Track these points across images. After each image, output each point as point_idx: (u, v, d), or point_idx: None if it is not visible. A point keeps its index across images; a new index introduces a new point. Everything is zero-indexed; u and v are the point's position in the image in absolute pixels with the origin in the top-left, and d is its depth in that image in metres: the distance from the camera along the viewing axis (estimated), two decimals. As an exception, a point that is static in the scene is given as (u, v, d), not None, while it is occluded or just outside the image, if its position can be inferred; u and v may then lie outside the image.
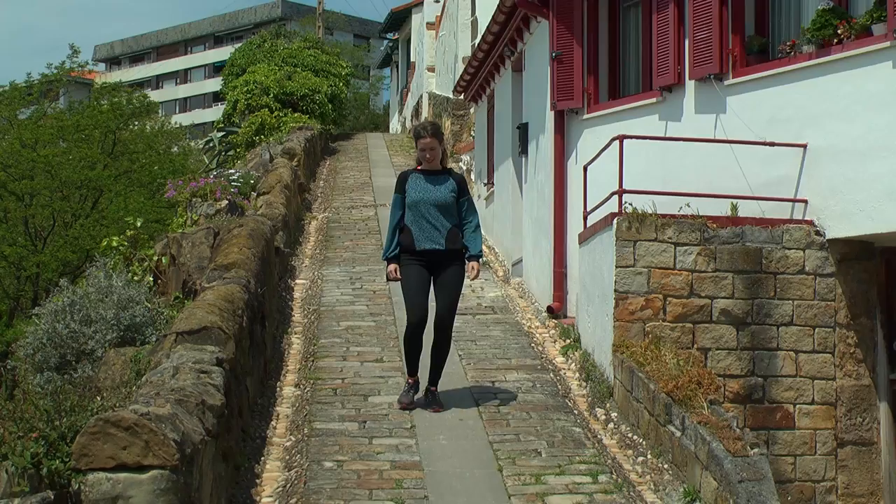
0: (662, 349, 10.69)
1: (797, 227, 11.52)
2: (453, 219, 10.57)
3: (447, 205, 10.51)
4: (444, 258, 10.49)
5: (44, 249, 29.42)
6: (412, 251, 10.47)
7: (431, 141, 10.60)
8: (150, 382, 8.16)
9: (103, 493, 6.28)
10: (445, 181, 10.63)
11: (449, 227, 10.50)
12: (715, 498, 8.43)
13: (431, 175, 10.64)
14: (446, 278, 10.52)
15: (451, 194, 10.55)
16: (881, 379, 11.45)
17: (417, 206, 10.47)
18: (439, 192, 10.52)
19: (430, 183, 10.57)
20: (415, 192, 10.53)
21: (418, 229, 10.46)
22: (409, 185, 10.62)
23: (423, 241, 10.43)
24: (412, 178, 10.69)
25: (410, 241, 10.47)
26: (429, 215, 10.44)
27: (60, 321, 11.55)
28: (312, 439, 9.90)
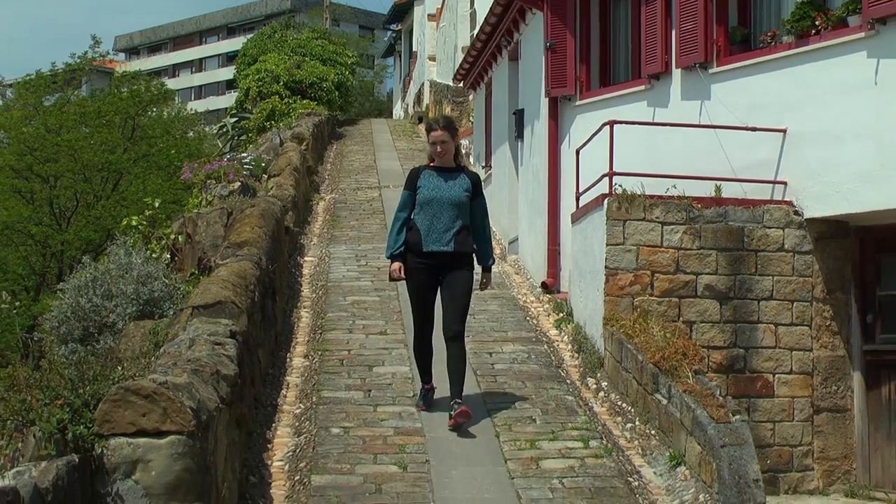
0: (650, 322, 10.70)
1: (777, 207, 11.53)
2: (465, 219, 9.52)
3: (461, 204, 9.46)
4: (453, 261, 9.45)
5: (68, 228, 29.43)
6: (419, 252, 9.44)
7: (443, 134, 9.54)
8: (167, 353, 8.16)
9: (124, 456, 6.30)
10: (460, 179, 9.58)
11: (459, 227, 9.46)
12: (699, 462, 8.44)
13: (445, 172, 9.60)
14: (455, 284, 9.48)
15: (464, 193, 9.50)
16: (855, 350, 11.47)
17: (430, 205, 9.43)
18: (453, 190, 9.47)
19: (444, 180, 9.52)
20: (427, 190, 9.47)
21: (427, 229, 9.41)
22: (422, 182, 9.55)
23: (432, 242, 9.38)
24: (424, 174, 9.63)
25: (418, 241, 9.43)
26: (440, 214, 9.39)
27: (84, 296, 11.56)
28: (320, 407, 9.92)
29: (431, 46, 39.13)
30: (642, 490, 8.49)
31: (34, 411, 6.35)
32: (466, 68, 22.05)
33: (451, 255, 9.42)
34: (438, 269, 9.49)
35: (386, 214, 19.29)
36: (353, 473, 8.46)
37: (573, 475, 8.57)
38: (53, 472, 5.60)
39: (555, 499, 8.06)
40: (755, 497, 7.92)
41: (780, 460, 11.15)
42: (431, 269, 9.48)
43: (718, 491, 8.04)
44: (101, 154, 29.92)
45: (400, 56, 52.70)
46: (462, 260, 9.52)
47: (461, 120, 30.08)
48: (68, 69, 37.03)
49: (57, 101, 34.34)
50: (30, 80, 36.17)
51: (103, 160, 29.96)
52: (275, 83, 33.74)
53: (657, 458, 9.14)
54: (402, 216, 9.62)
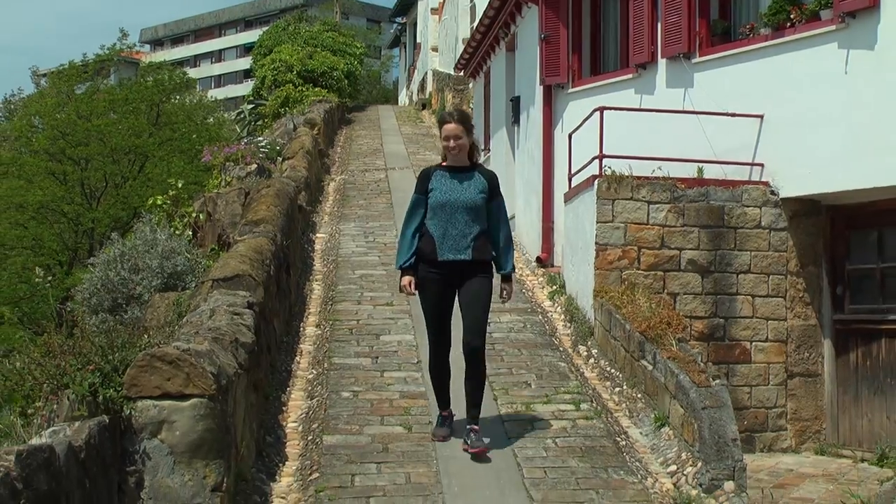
0: (637, 294, 10.70)
1: (755, 187, 11.54)
2: (482, 223, 8.02)
3: (477, 207, 7.95)
4: (470, 269, 7.97)
5: (97, 207, 29.43)
6: (433, 261, 7.96)
7: (457, 128, 7.96)
8: (190, 322, 8.17)
9: (151, 417, 6.31)
10: (475, 179, 8.05)
11: (477, 233, 7.97)
12: (682, 423, 8.45)
13: (458, 172, 8.05)
14: (473, 295, 7.99)
15: (480, 195, 7.99)
16: (826, 319, 11.49)
17: (443, 209, 7.93)
18: (468, 192, 7.96)
19: (458, 181, 8.00)
20: (440, 193, 7.97)
21: (442, 235, 7.92)
22: (434, 184, 8.05)
23: (447, 251, 7.90)
24: (436, 176, 8.10)
25: (432, 250, 7.93)
26: (456, 220, 7.91)
27: (112, 269, 11.56)
28: (331, 372, 9.92)
29: (434, 38, 39.07)
30: (629, 449, 8.50)
31: (68, 376, 6.37)
32: (467, 58, 22.02)
33: (468, 263, 7.94)
34: (454, 279, 8.00)
35: (392, 194, 19.27)
36: (361, 434, 8.47)
37: (565, 435, 8.58)
38: (86, 431, 5.61)
39: (548, 457, 8.07)
40: (733, 455, 7.93)
41: (756, 421, 11.18)
42: (447, 279, 7.99)
43: (700, 449, 8.05)
44: (129, 138, 29.88)
45: (405, 47, 52.59)
46: (480, 268, 8.03)
47: (462, 106, 30.01)
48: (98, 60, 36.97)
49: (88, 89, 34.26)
50: (63, 70, 36.15)
51: (130, 144, 29.93)
52: (289, 72, 33.69)
53: (643, 420, 9.15)
54: (413, 222, 8.13)
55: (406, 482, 7.52)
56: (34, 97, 40.39)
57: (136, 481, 6.22)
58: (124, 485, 6.16)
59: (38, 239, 29.61)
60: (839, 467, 10.17)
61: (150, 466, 6.27)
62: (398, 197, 18.90)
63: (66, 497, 5.08)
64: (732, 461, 7.89)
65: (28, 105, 38.30)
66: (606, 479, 7.69)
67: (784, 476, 9.79)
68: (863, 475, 9.61)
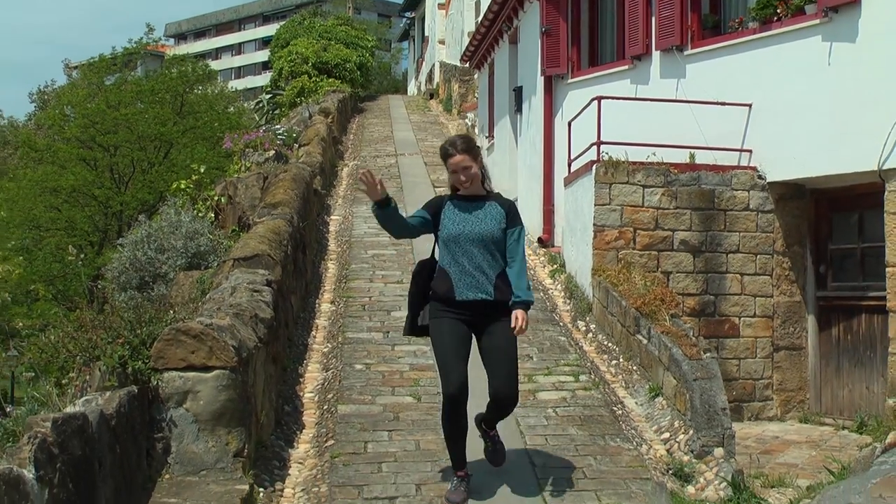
0: (632, 272, 10.69)
1: (743, 172, 11.52)
2: (501, 262, 6.57)
3: (495, 241, 6.50)
4: (493, 311, 6.46)
5: (126, 191, 29.43)
6: (449, 301, 6.46)
7: (464, 158, 6.49)
8: (212, 299, 8.17)
9: (176, 388, 6.33)
10: (490, 208, 6.60)
11: (499, 270, 6.52)
12: (674, 393, 8.45)
13: (471, 202, 6.62)
14: (499, 340, 6.46)
15: (498, 227, 6.53)
16: (809, 296, 11.48)
17: (457, 244, 6.49)
18: (484, 224, 6.52)
19: (471, 212, 6.58)
20: (452, 225, 6.53)
21: (459, 273, 6.46)
22: (447, 215, 6.60)
23: (466, 290, 6.43)
24: (448, 208, 6.64)
25: (448, 289, 6.47)
26: (472, 255, 6.46)
27: (140, 249, 11.56)
28: (345, 346, 9.93)
29: (441, 31, 38.91)
30: (625, 418, 8.50)
31: (99, 349, 6.38)
32: (472, 50, 21.98)
33: (490, 304, 6.45)
34: (472, 321, 6.52)
35: (402, 178, 19.24)
36: (373, 403, 8.48)
37: (565, 405, 8.59)
38: (116, 400, 5.63)
39: (549, 426, 8.07)
40: (723, 423, 7.93)
41: (744, 392, 11.18)
42: (463, 319, 6.50)
43: (691, 418, 8.05)
44: (154, 126, 29.84)
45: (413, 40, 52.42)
46: (504, 308, 6.48)
47: (467, 96, 29.96)
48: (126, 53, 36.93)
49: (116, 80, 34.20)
50: (93, 62, 36.13)
51: (156, 132, 29.89)
52: (304, 64, 33.65)
53: (638, 391, 9.15)
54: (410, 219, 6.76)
55: (416, 449, 7.53)
56: (66, 88, 40.40)
57: (164, 447, 6.24)
58: (152, 450, 6.18)
59: (70, 221, 29.65)
60: (821, 434, 10.18)
61: (177, 433, 6.28)
62: (408, 181, 18.89)
63: (99, 461, 5.09)
64: (722, 429, 7.90)
65: (61, 95, 38.27)
66: (604, 446, 7.70)
67: (770, 443, 9.80)
68: (843, 442, 9.62)
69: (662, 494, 7.02)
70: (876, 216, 10.33)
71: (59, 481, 4.53)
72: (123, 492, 5.40)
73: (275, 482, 6.97)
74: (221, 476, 6.24)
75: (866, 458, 7.16)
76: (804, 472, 8.34)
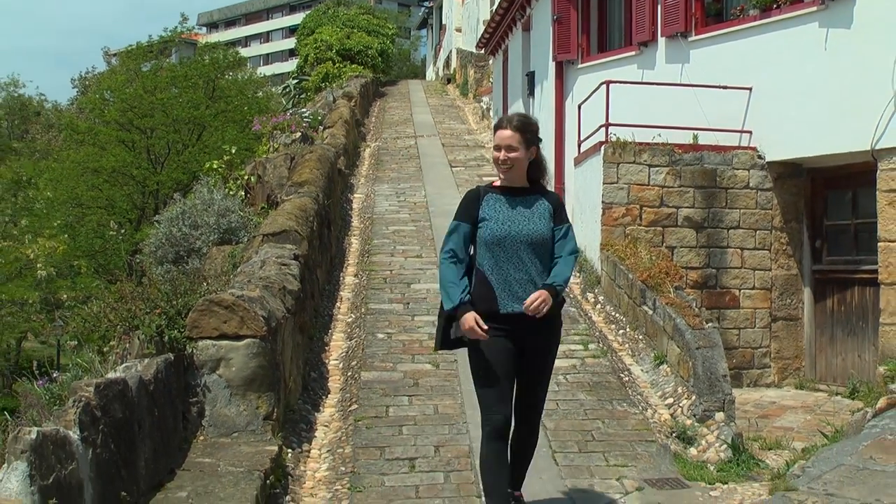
0: (639, 247, 10.66)
1: (744, 152, 11.46)
2: (549, 263, 5.22)
3: (545, 242, 5.16)
4: (541, 326, 5.10)
5: (161, 171, 29.46)
6: (492, 314, 5.03)
7: (511, 136, 5.12)
8: (243, 272, 8.19)
9: (210, 355, 6.35)
10: (539, 205, 5.22)
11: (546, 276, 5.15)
12: (678, 361, 8.44)
13: (517, 195, 5.21)
14: (542, 357, 5.27)
15: (547, 226, 5.19)
16: (806, 269, 11.43)
17: (501, 247, 5.08)
18: (532, 222, 5.14)
19: (518, 208, 5.16)
20: (496, 224, 5.10)
21: (502, 282, 5.07)
22: (486, 211, 5.15)
23: (511, 301, 5.04)
24: (488, 200, 5.20)
25: (491, 301, 5.05)
26: (519, 259, 5.08)
27: (175, 226, 11.61)
28: (368, 316, 9.94)
29: (458, 19, 38.77)
30: (631, 384, 8.50)
31: (138, 318, 6.41)
32: (487, 38, 21.90)
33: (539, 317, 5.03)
34: (518, 336, 5.11)
35: (421, 159, 19.18)
36: (394, 370, 8.50)
37: (575, 372, 8.58)
38: (154, 367, 5.65)
39: (560, 391, 8.07)
40: (723, 389, 7.91)
41: (743, 360, 11.16)
42: (511, 336, 5.09)
43: (694, 384, 8.04)
44: (188, 110, 29.84)
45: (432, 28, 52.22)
46: (554, 323, 5.26)
47: (483, 81, 29.80)
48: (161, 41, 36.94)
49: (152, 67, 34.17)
50: (131, 50, 36.14)
51: (189, 115, 29.89)
52: (329, 51, 33.60)
53: (644, 358, 9.14)
54: (453, 259, 5.14)
55: (434, 413, 7.55)
56: (106, 74, 40.42)
57: (198, 411, 6.27)
58: (188, 413, 6.21)
59: (111, 199, 29.72)
60: (816, 400, 10.16)
61: (210, 398, 6.31)
62: (426, 162, 18.85)
63: (138, 423, 5.12)
64: (723, 395, 7.88)
65: (101, 81, 38.33)
66: (611, 410, 7.70)
67: (768, 408, 9.78)
68: (837, 407, 9.59)
69: (666, 456, 7.02)
70: (869, 194, 10.29)
71: (102, 442, 4.56)
72: (161, 452, 5.43)
73: (302, 444, 7.01)
74: (252, 438, 6.26)
75: (858, 422, 7.15)
76: (800, 435, 8.33)
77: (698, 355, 8.10)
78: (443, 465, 6.63)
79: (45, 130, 43.50)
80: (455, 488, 6.30)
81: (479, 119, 25.43)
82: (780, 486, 5.96)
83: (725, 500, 6.29)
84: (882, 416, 6.94)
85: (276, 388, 6.58)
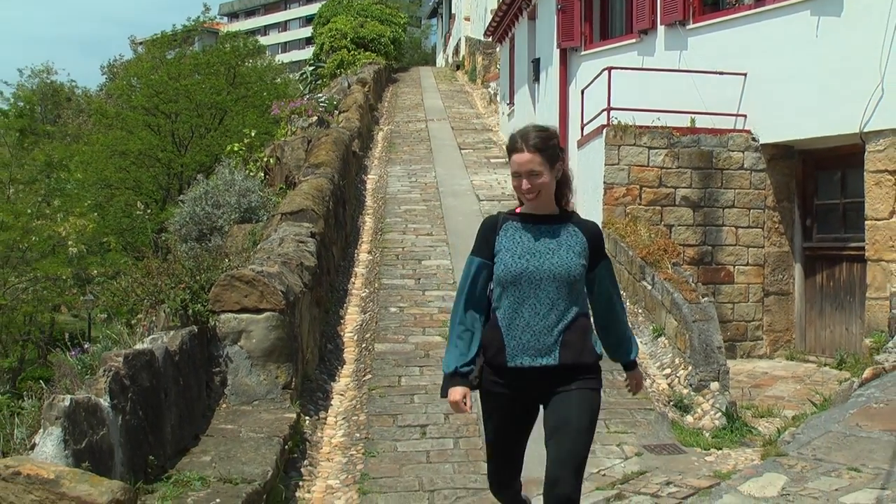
0: (638, 225, 10.64)
1: (739, 135, 11.41)
2: (581, 304, 3.98)
3: (572, 280, 3.90)
4: (559, 379, 3.88)
5: (185, 154, 29.48)
6: (499, 367, 3.92)
7: (530, 159, 3.89)
8: (262, 249, 8.20)
9: (232, 328, 6.37)
10: (567, 235, 3.97)
11: (570, 320, 3.90)
12: (675, 333, 8.44)
13: (542, 224, 3.98)
14: (565, 411, 3.85)
15: (579, 262, 3.93)
16: (797, 247, 11.40)
17: (517, 284, 3.89)
18: (558, 257, 3.90)
19: (542, 238, 3.94)
20: (512, 258, 3.90)
21: (512, 328, 3.89)
22: (503, 242, 3.95)
23: (520, 353, 3.87)
24: (506, 229, 3.99)
25: (499, 350, 3.91)
26: (538, 300, 3.87)
27: (198, 205, 11.61)
28: (381, 291, 9.95)
29: (467, 8, 38.57)
30: (630, 355, 8.50)
31: (163, 293, 6.43)
32: (494, 26, 21.81)
33: (554, 371, 3.87)
34: (532, 395, 3.96)
35: (431, 142, 19.15)
36: (406, 342, 8.52)
37: (577, 343, 8.57)
38: (179, 338, 5.67)
39: (562, 361, 8.07)
40: (718, 360, 7.92)
41: (737, 332, 11.15)
42: (520, 396, 3.95)
43: (690, 356, 8.04)
44: (210, 96, 29.81)
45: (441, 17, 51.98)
46: (575, 374, 3.90)
47: (490, 67, 29.67)
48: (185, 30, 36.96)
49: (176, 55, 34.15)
50: (156, 38, 36.18)
51: (212, 100, 29.87)
52: (343, 39, 33.47)
53: (643, 331, 9.14)
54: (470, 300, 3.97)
55: (444, 382, 7.56)
56: (132, 62, 40.44)
57: (221, 380, 6.30)
58: (211, 383, 6.24)
59: (137, 180, 29.77)
60: (806, 370, 10.15)
61: (232, 368, 6.34)
62: (436, 143, 18.82)
63: (164, 392, 5.15)
64: (717, 365, 7.89)
65: (128, 68, 38.33)
66: (612, 380, 7.69)
67: (760, 378, 9.78)
68: (825, 377, 9.59)
69: (664, 423, 7.03)
70: (857, 174, 10.27)
71: (131, 409, 4.59)
72: (186, 419, 5.46)
73: (319, 411, 7.04)
74: (272, 406, 6.29)
75: (845, 391, 7.15)
76: (790, 403, 8.33)
77: (695, 328, 8.09)
78: (452, 432, 6.65)
79: (76, 115, 43.54)
80: (464, 454, 6.32)
81: (487, 104, 25.35)
82: (772, 451, 5.97)
83: (720, 464, 6.30)
84: (868, 386, 6.94)
85: (294, 358, 6.61)
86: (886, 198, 9.73)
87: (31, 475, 3.35)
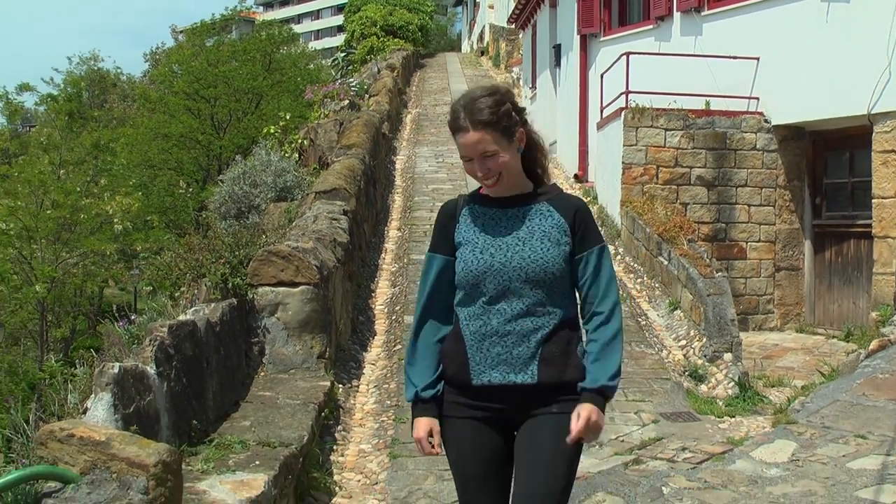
0: (655, 204, 10.59)
1: (751, 117, 11.31)
2: (564, 305, 2.78)
3: (549, 278, 2.73)
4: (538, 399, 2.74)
5: (224, 136, 29.57)
6: (462, 385, 2.79)
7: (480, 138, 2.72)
8: (297, 226, 8.22)
9: (269, 300, 6.40)
10: (541, 219, 2.80)
11: (552, 328, 2.73)
12: (690, 307, 8.41)
13: (509, 208, 2.83)
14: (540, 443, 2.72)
15: (557, 251, 2.75)
16: (807, 224, 11.32)
17: (477, 287, 2.76)
18: (529, 248, 2.74)
19: (507, 225, 2.80)
20: (473, 254, 2.78)
21: (478, 338, 2.76)
22: (462, 233, 2.85)
23: (488, 368, 2.74)
24: (466, 215, 2.88)
25: (461, 366, 2.78)
26: (507, 303, 2.73)
27: (237, 185, 11.65)
28: (410, 266, 9.96)
29: (490, -3, 38.41)
30: (648, 327, 8.48)
31: (205, 267, 6.46)
32: (517, 13, 21.69)
33: (531, 390, 2.75)
34: (507, 416, 2.82)
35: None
36: (434, 314, 8.52)
37: (595, 316, 8.56)
38: (220, 310, 5.70)
39: (582, 333, 8.05)
40: (731, 332, 7.88)
41: (749, 306, 11.09)
42: (491, 418, 2.81)
43: (704, 328, 8.01)
44: (247, 81, 29.83)
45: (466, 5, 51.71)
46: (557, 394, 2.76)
47: (513, 53, 29.49)
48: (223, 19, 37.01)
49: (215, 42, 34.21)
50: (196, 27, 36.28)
51: (248, 86, 29.89)
52: (373, 26, 33.41)
53: (659, 305, 9.11)
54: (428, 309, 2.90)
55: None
56: (174, 49, 40.49)
57: (259, 350, 6.33)
58: (250, 352, 6.28)
59: (179, 161, 29.91)
60: (815, 342, 10.09)
61: (269, 339, 6.37)
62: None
63: (206, 360, 5.18)
64: (731, 337, 7.85)
65: (169, 56, 38.41)
66: (630, 351, 7.69)
67: (771, 349, 9.74)
68: (833, 348, 9.53)
69: (680, 392, 7.02)
70: (864, 155, 10.20)
71: (175, 376, 4.62)
72: (227, 386, 5.50)
73: (351, 380, 7.07)
74: (307, 374, 6.32)
75: (852, 362, 7.10)
76: (800, 374, 8.29)
77: (709, 302, 8.05)
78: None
79: (121, 100, 43.73)
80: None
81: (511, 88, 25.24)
82: (782, 419, 5.95)
83: (732, 431, 6.28)
84: (874, 357, 6.89)
85: (328, 329, 6.63)
86: (893, 177, 9.64)
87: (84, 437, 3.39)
